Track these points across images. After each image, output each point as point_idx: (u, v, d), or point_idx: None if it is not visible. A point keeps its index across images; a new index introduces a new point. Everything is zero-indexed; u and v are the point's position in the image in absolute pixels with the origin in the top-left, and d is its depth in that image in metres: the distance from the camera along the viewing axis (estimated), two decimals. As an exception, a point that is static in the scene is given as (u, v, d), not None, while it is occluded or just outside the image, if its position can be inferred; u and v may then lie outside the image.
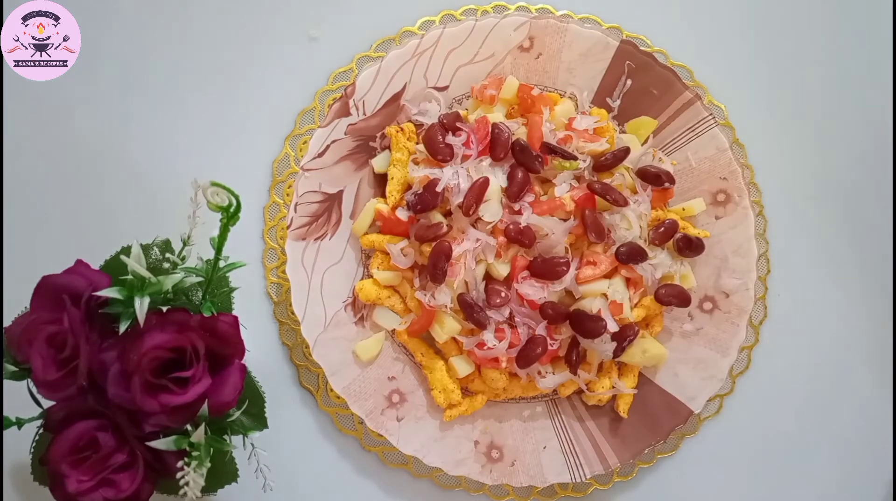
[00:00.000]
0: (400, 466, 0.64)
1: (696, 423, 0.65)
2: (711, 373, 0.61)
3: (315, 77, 0.66)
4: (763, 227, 0.66)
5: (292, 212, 0.61)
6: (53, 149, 0.65)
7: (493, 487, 0.64)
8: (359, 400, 0.61)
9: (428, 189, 0.59)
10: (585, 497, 0.64)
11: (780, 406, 0.65)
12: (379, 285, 0.62)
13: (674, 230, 0.61)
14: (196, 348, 0.47)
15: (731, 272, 0.62)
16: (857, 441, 0.65)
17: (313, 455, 0.64)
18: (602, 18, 0.67)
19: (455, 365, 0.61)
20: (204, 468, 0.47)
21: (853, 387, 0.65)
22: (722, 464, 0.65)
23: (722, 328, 0.62)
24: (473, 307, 0.59)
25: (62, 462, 0.48)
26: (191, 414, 0.47)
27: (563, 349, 0.60)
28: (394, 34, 0.66)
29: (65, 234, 0.65)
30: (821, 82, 0.68)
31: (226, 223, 0.48)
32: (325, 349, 0.61)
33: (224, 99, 0.66)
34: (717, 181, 0.63)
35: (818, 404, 0.65)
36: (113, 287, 0.48)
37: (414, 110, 0.63)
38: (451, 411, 0.61)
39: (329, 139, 0.62)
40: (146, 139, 0.66)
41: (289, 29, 0.67)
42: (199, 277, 0.51)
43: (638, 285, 0.61)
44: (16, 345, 0.48)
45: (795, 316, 0.66)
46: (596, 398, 0.62)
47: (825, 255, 0.66)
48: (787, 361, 0.65)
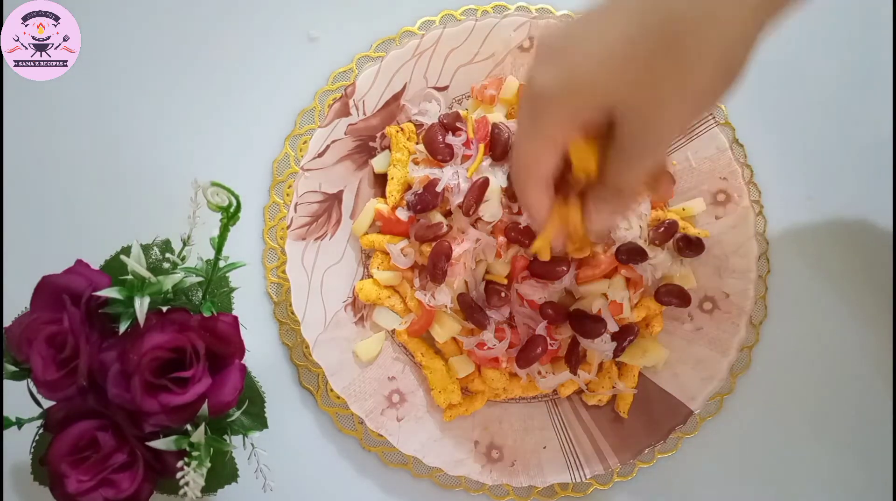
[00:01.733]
0: (400, 466, 0.64)
1: (696, 423, 0.65)
2: (711, 373, 0.61)
3: (315, 77, 0.66)
4: (763, 227, 0.66)
5: (292, 212, 0.61)
6: (53, 149, 0.65)
7: (493, 487, 0.64)
8: (359, 400, 0.61)
9: (428, 189, 0.59)
10: (585, 497, 0.64)
11: (780, 406, 0.65)
12: (379, 285, 0.62)
13: (674, 230, 0.61)
14: (196, 348, 0.47)
15: (731, 272, 0.62)
16: (857, 441, 0.65)
17: (313, 455, 0.64)
18: (602, 18, 0.67)
19: (455, 365, 0.61)
20: (204, 468, 0.48)
21: (853, 387, 0.65)
22: (722, 464, 0.65)
23: (722, 327, 0.62)
24: (473, 307, 0.59)
25: (62, 462, 0.48)
26: (191, 414, 0.47)
27: (563, 349, 0.60)
28: (394, 34, 0.66)
29: (65, 234, 0.65)
30: (821, 82, 0.68)
31: (226, 223, 0.48)
32: (325, 349, 0.61)
33: (224, 99, 0.66)
34: (717, 181, 0.63)
35: (818, 403, 0.65)
36: (113, 287, 0.48)
37: (414, 110, 0.63)
38: (451, 411, 0.61)
39: (329, 139, 0.62)
40: (146, 139, 0.66)
41: (289, 29, 0.67)
42: (199, 277, 0.51)
43: (638, 285, 0.61)
44: (16, 345, 0.48)
45: (795, 316, 0.66)
46: (596, 398, 0.62)
47: (825, 255, 0.66)
48: (787, 361, 0.65)
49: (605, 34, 0.40)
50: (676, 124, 0.42)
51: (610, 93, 0.40)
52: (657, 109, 0.40)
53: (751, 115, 0.67)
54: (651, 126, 0.41)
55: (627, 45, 0.39)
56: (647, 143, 0.42)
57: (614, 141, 0.42)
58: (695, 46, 0.38)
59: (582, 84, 0.40)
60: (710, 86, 0.40)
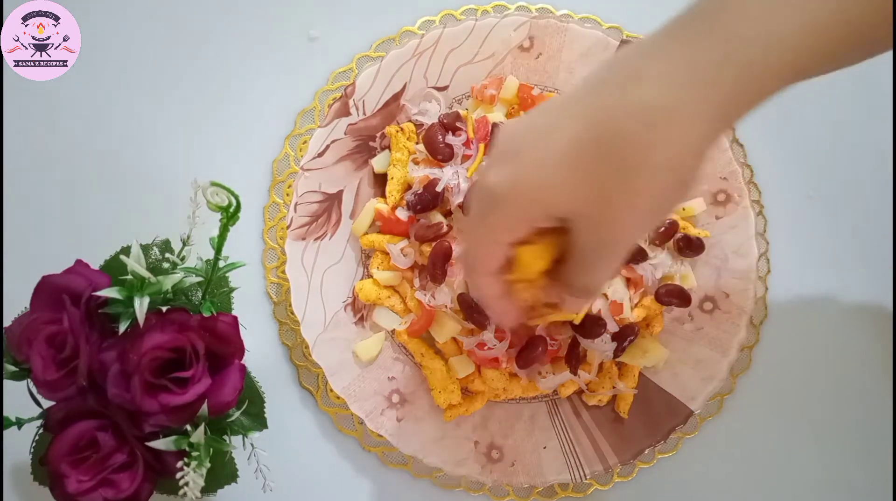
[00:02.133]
0: (400, 466, 0.64)
1: (696, 423, 0.65)
2: (711, 373, 0.61)
3: (315, 77, 0.66)
4: (763, 227, 0.66)
5: (292, 212, 0.61)
6: (53, 149, 0.65)
7: (493, 487, 0.64)
8: (359, 400, 0.61)
9: (428, 189, 0.59)
10: (585, 497, 0.64)
11: (780, 406, 0.65)
12: (379, 285, 0.62)
13: (674, 230, 0.61)
14: (196, 348, 0.47)
15: (731, 272, 0.62)
16: (857, 440, 0.65)
17: (313, 455, 0.64)
18: (602, 18, 0.67)
19: (455, 365, 0.61)
20: (204, 468, 0.47)
21: (853, 387, 0.65)
22: (722, 464, 0.65)
23: (722, 327, 0.62)
24: (473, 307, 0.59)
25: (62, 462, 0.48)
26: (191, 414, 0.47)
27: (563, 349, 0.60)
28: (394, 34, 0.66)
29: (65, 234, 0.65)
30: (821, 82, 0.67)
31: (226, 223, 0.48)
32: (324, 349, 0.61)
33: (224, 99, 0.66)
34: (717, 181, 0.63)
35: (818, 403, 0.65)
36: (113, 287, 0.48)
37: (414, 110, 0.63)
38: (451, 411, 0.61)
39: (329, 139, 0.62)
40: (146, 139, 0.66)
41: (289, 29, 0.67)
42: (198, 277, 0.51)
43: (638, 285, 0.61)
44: (16, 345, 0.48)
45: (795, 316, 0.65)
46: (596, 398, 0.62)
47: (825, 255, 0.66)
48: (787, 361, 0.65)
49: (556, 138, 0.38)
50: (629, 235, 0.40)
51: (561, 202, 0.39)
52: (609, 221, 0.39)
53: (751, 115, 0.66)
54: (605, 237, 0.40)
55: (576, 153, 0.38)
56: (602, 253, 0.41)
57: (572, 247, 0.41)
58: (641, 163, 0.37)
59: (531, 190, 0.39)
60: (662, 199, 0.39)
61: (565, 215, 0.40)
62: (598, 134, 0.37)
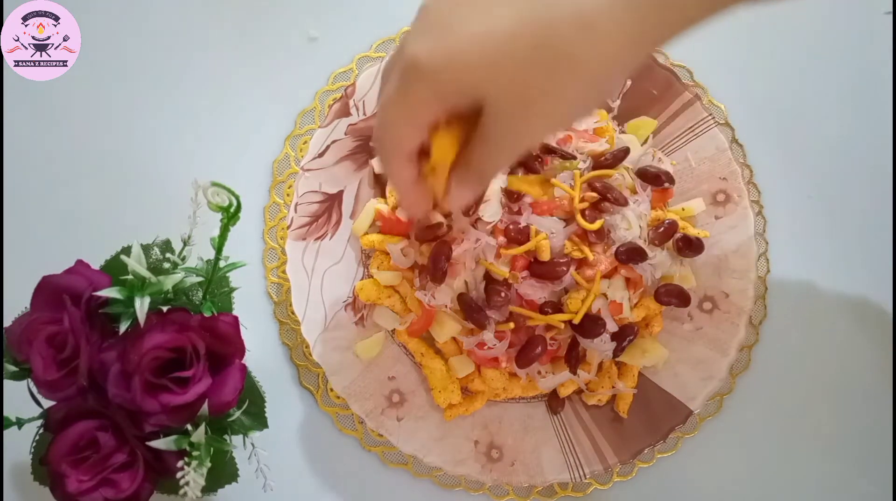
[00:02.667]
0: (400, 466, 0.64)
1: (695, 423, 0.65)
2: (711, 373, 0.61)
3: (315, 77, 0.66)
4: (763, 227, 0.66)
5: (292, 212, 0.61)
6: (53, 149, 0.65)
7: (493, 487, 0.64)
8: (359, 400, 0.61)
9: (428, 189, 0.59)
10: (585, 496, 0.64)
11: (780, 406, 0.65)
12: (379, 285, 0.62)
13: (673, 230, 0.61)
14: (196, 348, 0.47)
15: (731, 272, 0.62)
16: (857, 440, 0.65)
17: (313, 455, 0.64)
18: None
19: (455, 365, 0.61)
20: (204, 468, 0.48)
21: (853, 386, 0.65)
22: (722, 464, 0.65)
23: (722, 327, 0.62)
24: (473, 307, 0.59)
25: (62, 462, 0.48)
26: (191, 414, 0.47)
27: (562, 349, 0.60)
28: (394, 34, 0.66)
29: (65, 234, 0.65)
30: (820, 82, 0.68)
31: (226, 223, 0.48)
32: (325, 348, 0.61)
33: (224, 99, 0.66)
34: (716, 181, 0.63)
35: (818, 403, 0.65)
36: (113, 287, 0.48)
37: (414, 110, 0.63)
38: (451, 411, 0.61)
39: (329, 139, 0.62)
40: (146, 139, 0.66)
41: (289, 29, 0.67)
42: (199, 277, 0.51)
43: (638, 285, 0.61)
44: (16, 345, 0.48)
45: (795, 316, 0.66)
46: (596, 398, 0.62)
47: (825, 254, 0.66)
48: (787, 361, 0.65)
49: (491, 20, 0.38)
50: (539, 131, 0.41)
51: (482, 83, 0.39)
52: (523, 113, 0.39)
53: (751, 115, 0.67)
54: (515, 128, 0.40)
55: (508, 39, 0.38)
56: (508, 142, 0.41)
57: (479, 128, 0.41)
58: (568, 60, 0.38)
59: (457, 66, 0.39)
60: (580, 101, 0.40)
61: (484, 97, 0.39)
62: (535, 27, 0.38)
